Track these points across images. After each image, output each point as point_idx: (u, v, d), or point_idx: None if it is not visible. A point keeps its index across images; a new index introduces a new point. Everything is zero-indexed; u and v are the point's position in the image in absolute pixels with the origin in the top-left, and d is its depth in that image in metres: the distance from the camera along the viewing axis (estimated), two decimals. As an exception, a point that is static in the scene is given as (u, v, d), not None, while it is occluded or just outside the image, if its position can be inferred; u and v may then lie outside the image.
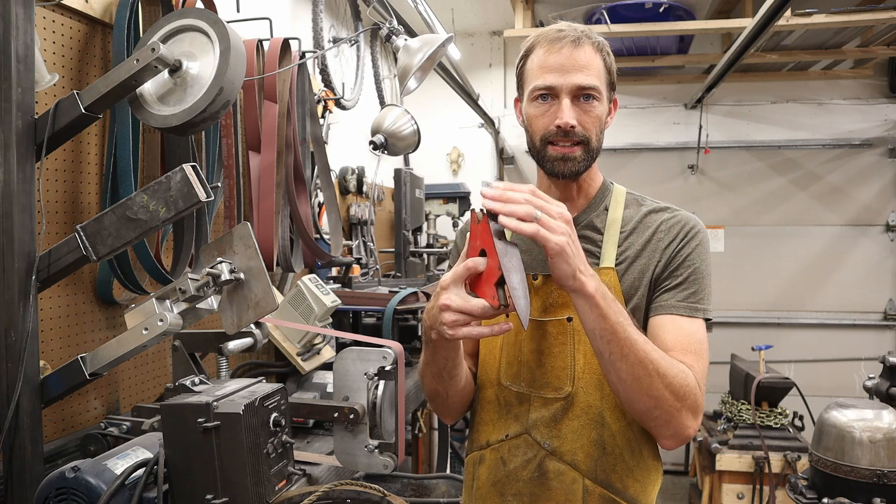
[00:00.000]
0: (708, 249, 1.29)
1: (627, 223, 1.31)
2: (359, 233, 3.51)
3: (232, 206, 1.98)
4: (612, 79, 1.29)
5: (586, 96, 1.24)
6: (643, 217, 1.32)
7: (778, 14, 2.91)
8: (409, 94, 2.40)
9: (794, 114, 4.96)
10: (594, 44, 1.26)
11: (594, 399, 1.26)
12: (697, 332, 1.23)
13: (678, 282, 1.25)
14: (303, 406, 1.63)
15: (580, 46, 1.24)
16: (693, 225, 1.29)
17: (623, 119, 5.10)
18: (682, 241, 1.27)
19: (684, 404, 1.15)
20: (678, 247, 1.27)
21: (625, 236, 1.30)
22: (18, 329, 1.21)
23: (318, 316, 2.06)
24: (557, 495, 1.25)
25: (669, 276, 1.26)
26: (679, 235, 1.28)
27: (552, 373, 1.28)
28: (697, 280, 1.25)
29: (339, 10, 3.40)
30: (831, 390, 4.39)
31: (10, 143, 1.22)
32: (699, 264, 1.26)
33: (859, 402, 2.08)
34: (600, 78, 1.25)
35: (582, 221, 1.33)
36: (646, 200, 1.36)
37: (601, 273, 1.25)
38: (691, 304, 1.24)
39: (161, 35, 1.39)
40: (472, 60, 5.16)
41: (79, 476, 1.11)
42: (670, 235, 1.28)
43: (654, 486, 1.32)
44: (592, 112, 1.25)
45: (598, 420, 1.26)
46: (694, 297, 1.24)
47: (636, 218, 1.31)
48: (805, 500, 1.99)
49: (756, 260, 4.99)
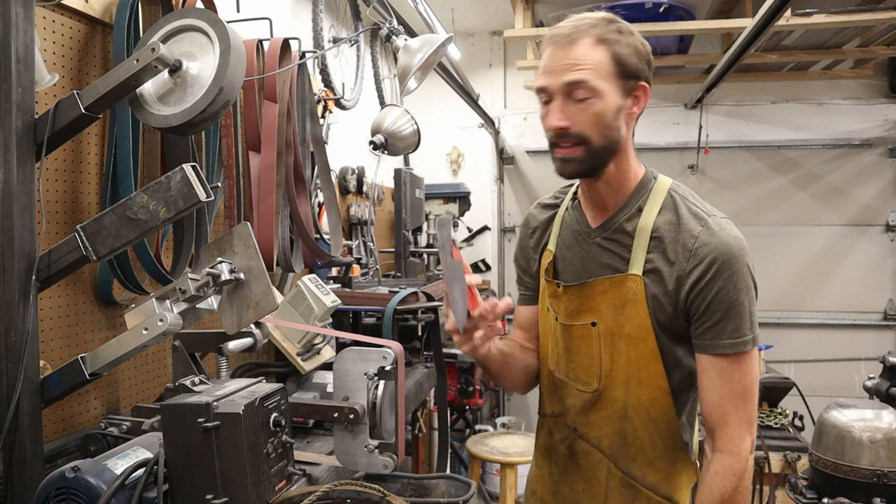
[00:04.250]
0: (742, 272, 1.23)
1: (658, 231, 1.27)
2: (359, 233, 3.51)
3: (232, 206, 1.98)
4: (630, 67, 1.22)
5: (579, 93, 1.21)
6: (676, 230, 1.26)
7: (778, 14, 2.91)
8: (409, 94, 2.40)
9: (794, 114, 4.96)
10: (596, 37, 1.20)
11: (619, 395, 1.33)
12: (739, 371, 1.23)
13: (715, 320, 1.23)
14: (303, 406, 1.63)
15: (574, 43, 1.21)
16: (720, 256, 1.22)
17: (623, 119, 5.09)
18: (711, 275, 1.22)
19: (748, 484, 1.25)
20: (707, 282, 1.22)
21: (654, 244, 1.27)
22: (18, 329, 1.21)
23: (318, 316, 2.06)
24: (585, 471, 1.39)
25: (704, 311, 1.23)
26: (706, 270, 1.22)
27: (581, 369, 1.37)
28: (733, 314, 1.22)
29: (339, 10, 3.40)
30: (831, 390, 4.38)
31: (10, 143, 1.22)
32: (735, 296, 1.22)
33: (859, 402, 2.07)
34: (599, 71, 1.20)
35: (613, 225, 1.32)
36: (685, 204, 1.29)
37: (627, 279, 1.26)
38: (732, 341, 1.22)
39: (161, 35, 1.39)
40: (472, 60, 5.16)
41: (79, 476, 1.11)
42: (696, 265, 1.23)
43: (681, 478, 1.36)
44: (588, 109, 1.21)
45: (621, 414, 1.34)
46: (735, 333, 1.23)
47: (668, 228, 1.26)
48: (805, 500, 1.98)
49: (756, 260, 4.87)
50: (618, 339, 1.31)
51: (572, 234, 1.39)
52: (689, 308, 1.26)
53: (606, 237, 1.32)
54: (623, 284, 1.28)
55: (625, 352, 1.30)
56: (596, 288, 1.32)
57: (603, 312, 1.31)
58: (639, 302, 1.27)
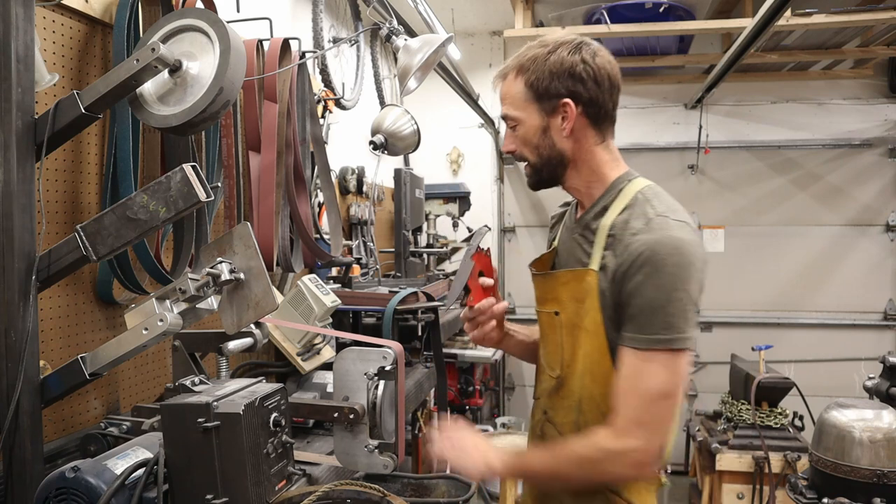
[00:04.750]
0: (667, 272, 1.22)
1: (613, 229, 1.32)
2: (359, 233, 3.51)
3: (232, 206, 1.98)
4: (544, 89, 1.33)
5: (510, 123, 1.40)
6: (625, 228, 1.30)
7: (778, 14, 2.91)
8: (409, 94, 2.40)
9: (794, 114, 4.96)
10: (515, 69, 1.37)
11: (576, 387, 1.39)
12: (646, 371, 1.24)
13: (631, 313, 1.26)
14: (303, 406, 1.63)
15: (503, 79, 1.40)
16: (646, 252, 1.24)
17: (623, 119, 5.04)
18: (635, 269, 1.25)
19: (609, 477, 1.31)
20: (630, 275, 1.25)
21: (610, 242, 1.32)
22: (18, 329, 1.21)
23: (318, 316, 2.06)
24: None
25: (626, 304, 1.27)
26: (631, 265, 1.25)
27: (550, 356, 1.46)
28: (648, 311, 1.23)
29: (339, 10, 3.40)
30: (831, 390, 4.38)
31: (10, 143, 1.22)
32: (652, 294, 1.23)
33: (859, 402, 2.08)
34: (515, 103, 1.37)
35: (584, 222, 1.41)
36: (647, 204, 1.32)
37: (586, 274, 1.33)
38: (643, 336, 1.24)
39: (161, 35, 1.39)
40: (472, 60, 5.16)
41: (79, 476, 1.11)
42: (626, 258, 1.26)
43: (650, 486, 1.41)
44: (517, 134, 1.39)
45: (577, 406, 1.40)
46: (646, 329, 1.24)
47: (621, 227, 1.31)
48: (805, 500, 1.99)
49: (756, 260, 4.99)
50: (578, 331, 1.36)
51: (565, 228, 1.51)
52: (619, 301, 1.29)
53: (580, 233, 1.41)
54: (583, 278, 1.34)
55: (583, 344, 1.35)
56: (558, 279, 1.41)
57: (565, 303, 1.39)
58: (593, 296, 1.32)
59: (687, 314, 1.23)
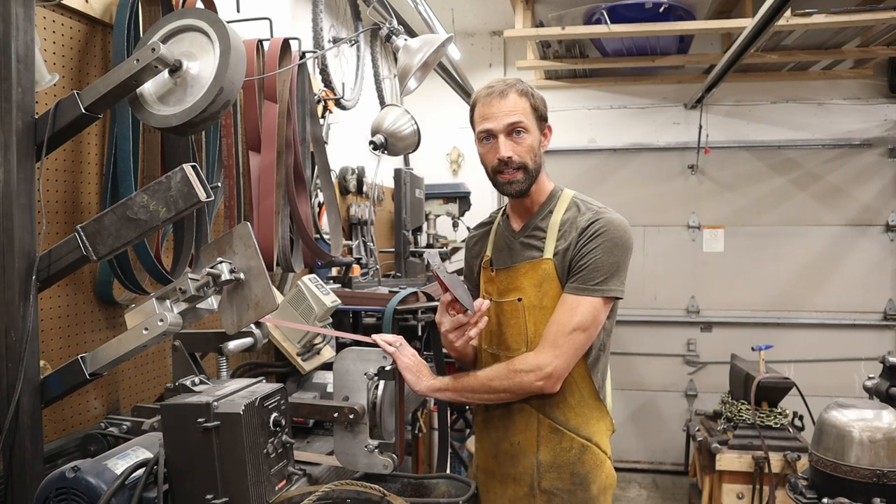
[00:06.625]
0: (615, 240, 1.60)
1: (564, 224, 1.67)
2: (359, 233, 3.51)
3: (232, 206, 1.98)
4: (541, 113, 1.68)
5: (517, 131, 1.62)
6: (575, 219, 1.66)
7: (778, 14, 2.91)
8: (409, 94, 2.40)
9: (794, 114, 4.96)
10: (518, 91, 1.64)
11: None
12: (577, 308, 1.58)
13: (580, 270, 1.60)
14: (303, 406, 1.63)
15: (505, 96, 1.63)
16: (600, 225, 1.61)
17: (623, 119, 5.10)
18: (588, 237, 1.61)
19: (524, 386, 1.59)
20: (584, 242, 1.61)
21: (561, 234, 1.66)
22: (18, 329, 1.22)
23: (318, 316, 2.06)
24: (520, 425, 1.69)
25: (576, 265, 1.61)
26: (584, 234, 1.62)
27: (511, 338, 1.70)
28: (593, 268, 1.59)
29: (339, 10, 3.40)
30: (831, 390, 4.39)
31: (10, 143, 1.22)
32: (601, 255, 1.59)
33: (859, 402, 2.07)
34: (527, 115, 1.64)
35: (531, 226, 1.72)
36: (584, 205, 1.68)
37: (542, 262, 1.66)
38: (583, 285, 1.59)
39: (161, 35, 1.39)
40: (472, 60, 5.16)
41: (79, 476, 1.11)
42: (581, 234, 1.62)
43: (599, 424, 1.70)
44: (524, 143, 1.64)
45: None
46: (588, 279, 1.59)
47: (571, 220, 1.66)
48: (805, 500, 1.98)
49: (756, 260, 4.99)
50: (538, 311, 1.66)
51: (503, 239, 1.79)
52: (571, 268, 1.62)
53: (526, 235, 1.72)
54: (539, 267, 1.66)
55: (545, 321, 1.63)
56: (520, 270, 1.70)
57: (526, 290, 1.68)
58: (552, 279, 1.64)
59: (621, 275, 1.62)
